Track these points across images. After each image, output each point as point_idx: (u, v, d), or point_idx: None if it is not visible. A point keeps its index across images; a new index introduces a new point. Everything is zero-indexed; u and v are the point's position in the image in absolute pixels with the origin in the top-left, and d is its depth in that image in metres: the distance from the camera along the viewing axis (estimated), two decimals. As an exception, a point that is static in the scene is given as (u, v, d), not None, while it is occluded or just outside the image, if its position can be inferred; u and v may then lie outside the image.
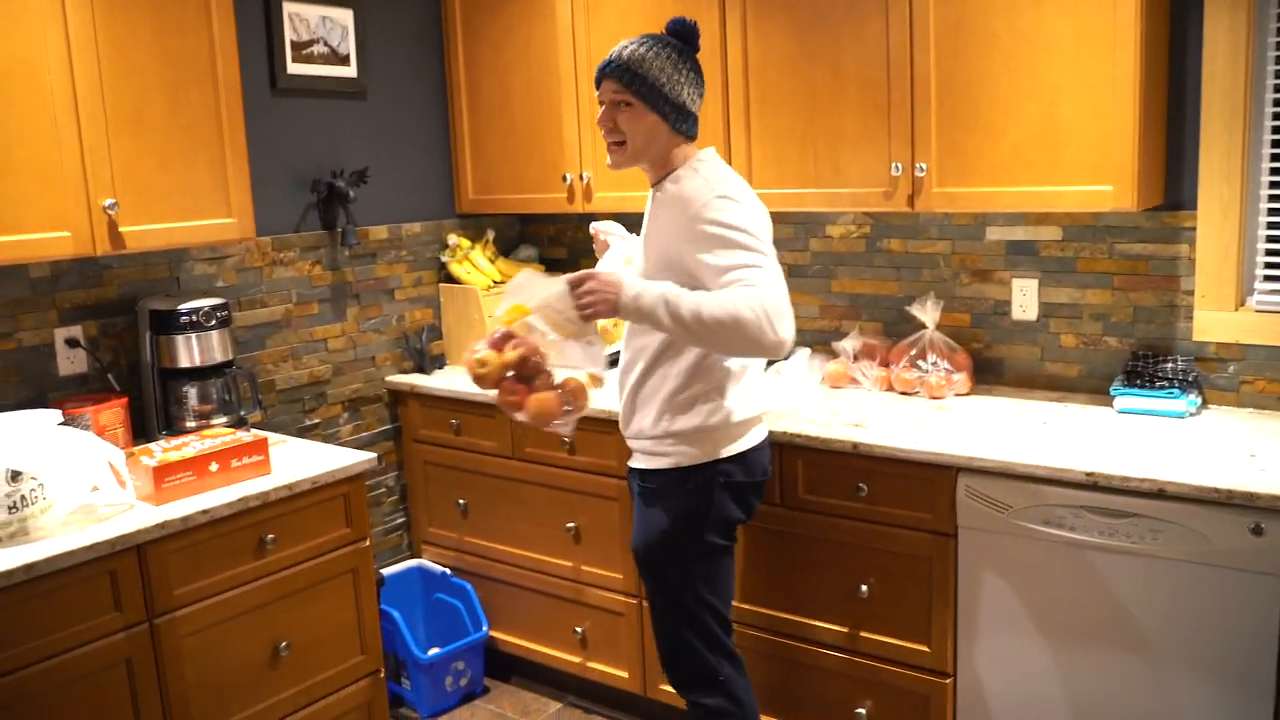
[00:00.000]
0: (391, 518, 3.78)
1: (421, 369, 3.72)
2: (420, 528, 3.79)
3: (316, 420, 3.51)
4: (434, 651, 3.53)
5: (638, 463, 2.56)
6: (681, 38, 2.46)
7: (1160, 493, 2.34)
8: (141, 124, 2.66)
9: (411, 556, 3.83)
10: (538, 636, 3.54)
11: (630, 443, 2.59)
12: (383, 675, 2.93)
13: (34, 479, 2.28)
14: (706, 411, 2.45)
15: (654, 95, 2.38)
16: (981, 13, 2.72)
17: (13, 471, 2.25)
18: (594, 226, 3.00)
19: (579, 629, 3.39)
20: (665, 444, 2.48)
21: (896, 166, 2.89)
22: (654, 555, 2.51)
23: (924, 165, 2.85)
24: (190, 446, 2.59)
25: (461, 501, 3.61)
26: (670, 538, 2.48)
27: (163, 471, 2.47)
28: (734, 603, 2.95)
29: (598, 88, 2.46)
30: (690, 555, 2.49)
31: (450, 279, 3.82)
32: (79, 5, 2.52)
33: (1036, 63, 2.67)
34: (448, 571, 3.66)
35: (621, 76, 2.38)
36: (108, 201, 2.58)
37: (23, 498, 2.27)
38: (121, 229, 2.63)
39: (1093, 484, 2.41)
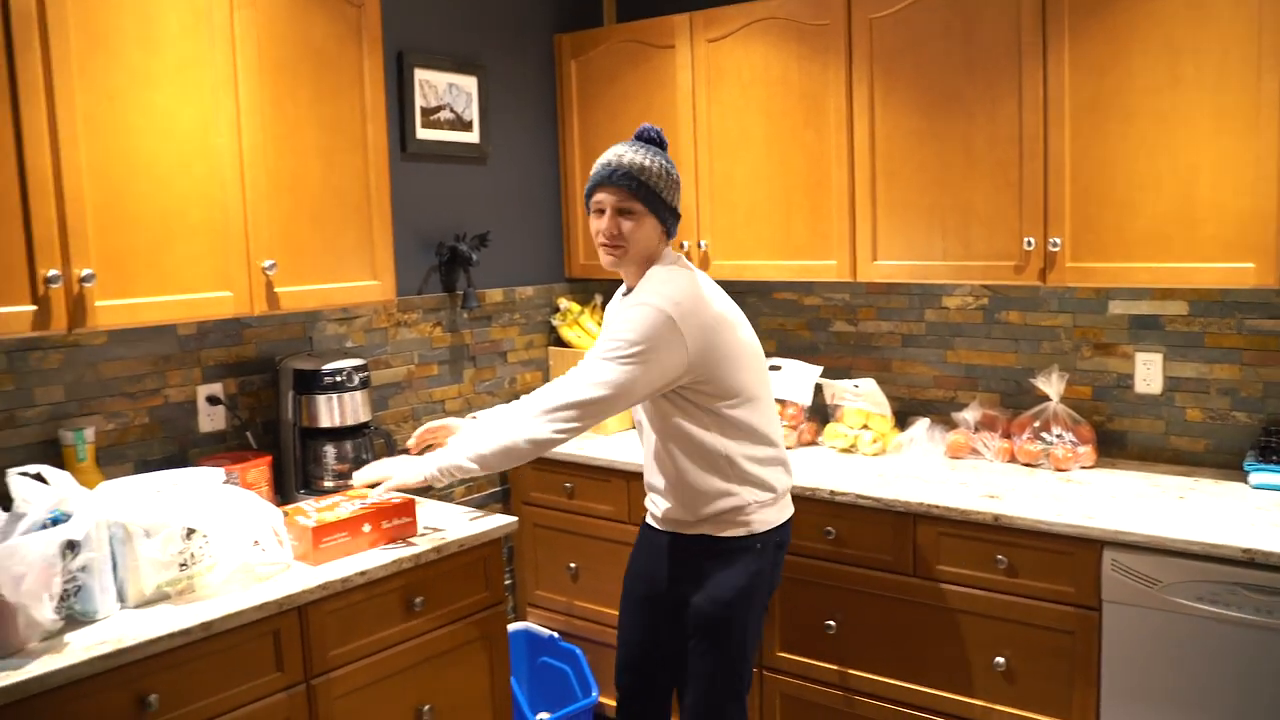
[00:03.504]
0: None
1: (531, 431, 3.74)
2: (526, 590, 3.78)
3: (431, 481, 3.52)
4: (544, 716, 3.50)
5: None
6: (659, 144, 2.57)
7: (1319, 571, 2.34)
8: (299, 187, 2.72)
9: (516, 619, 3.81)
10: (645, 703, 3.50)
11: None
12: (511, 741, 2.91)
13: (204, 536, 2.30)
14: None
15: (657, 204, 2.49)
16: (1118, 92, 2.78)
17: (188, 529, 2.26)
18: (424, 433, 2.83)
19: (689, 697, 3.36)
20: None
21: (1029, 241, 2.93)
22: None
23: (1058, 240, 2.89)
24: (342, 507, 2.61)
25: (573, 565, 3.60)
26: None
27: (320, 532, 2.48)
28: (868, 674, 2.98)
29: (593, 195, 2.52)
30: None
31: (560, 342, 3.86)
32: (250, 72, 2.59)
33: (1175, 141, 2.71)
34: (555, 635, 3.64)
35: (629, 185, 2.46)
36: (267, 263, 2.63)
37: (192, 555, 2.29)
38: (277, 289, 2.67)
39: (1249, 561, 2.41)
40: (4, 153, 2.18)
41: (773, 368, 3.60)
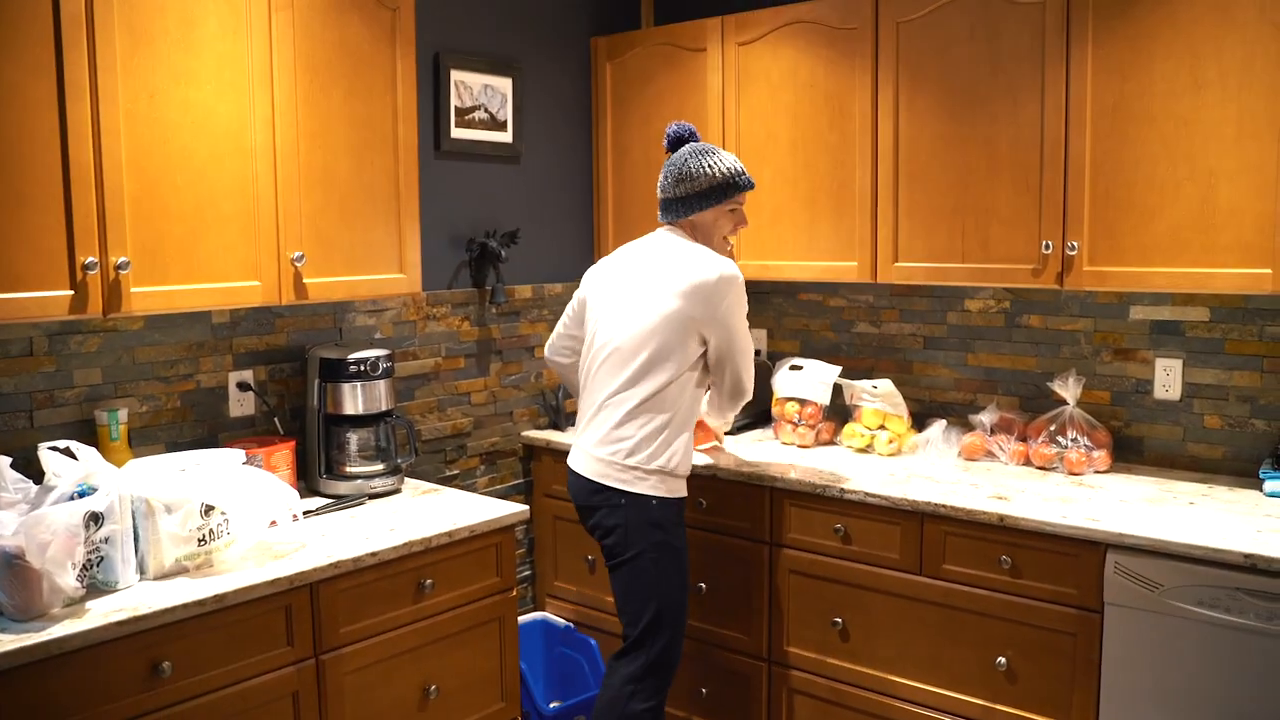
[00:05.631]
0: (517, 570, 3.85)
1: (556, 425, 3.82)
2: (545, 581, 3.86)
3: (456, 471, 3.62)
4: (556, 704, 3.57)
5: None
6: None
7: (1322, 579, 2.33)
8: (329, 183, 2.82)
9: (534, 609, 3.89)
10: (661, 695, 3.56)
11: None
12: (520, 724, 2.99)
13: (223, 514, 2.41)
14: None
15: None
16: (1140, 96, 2.78)
17: (206, 505, 2.37)
18: None
19: (704, 690, 3.41)
20: None
21: (1047, 244, 2.94)
22: None
23: (1075, 244, 2.89)
24: None
25: (590, 558, 3.67)
26: None
27: None
28: (873, 670, 3.02)
29: (741, 192, 2.93)
30: None
31: (587, 339, 3.93)
32: (285, 71, 2.69)
33: (1194, 146, 2.71)
34: (571, 626, 3.71)
35: None
36: (296, 254, 2.73)
37: (210, 531, 2.40)
38: (305, 280, 2.77)
39: (1251, 566, 2.40)
40: (49, 146, 2.31)
41: (793, 367, 3.64)
